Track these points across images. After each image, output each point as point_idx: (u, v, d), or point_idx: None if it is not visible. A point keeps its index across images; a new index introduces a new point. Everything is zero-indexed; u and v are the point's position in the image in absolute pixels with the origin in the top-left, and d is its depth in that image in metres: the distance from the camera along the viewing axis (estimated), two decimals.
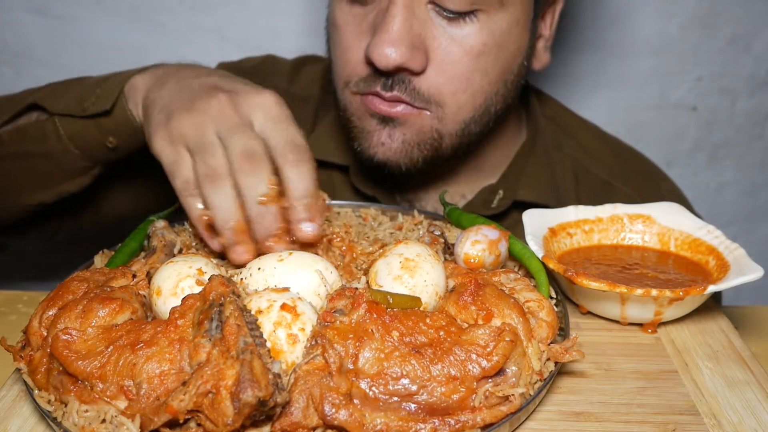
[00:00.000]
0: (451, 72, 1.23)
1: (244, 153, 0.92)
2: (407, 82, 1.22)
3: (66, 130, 1.23)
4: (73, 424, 0.74)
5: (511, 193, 1.42)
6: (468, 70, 1.23)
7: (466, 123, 1.28)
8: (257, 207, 0.92)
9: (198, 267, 0.87)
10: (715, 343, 0.99)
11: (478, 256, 0.96)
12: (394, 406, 0.74)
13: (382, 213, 1.19)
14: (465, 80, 1.24)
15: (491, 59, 1.25)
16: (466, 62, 1.23)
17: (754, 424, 0.83)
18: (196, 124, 0.96)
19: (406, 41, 1.17)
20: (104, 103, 1.18)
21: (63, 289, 0.88)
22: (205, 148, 0.94)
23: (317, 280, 0.86)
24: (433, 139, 1.28)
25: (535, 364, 0.80)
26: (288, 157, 0.94)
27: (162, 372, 0.74)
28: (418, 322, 0.79)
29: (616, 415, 0.84)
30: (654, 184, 1.55)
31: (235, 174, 0.92)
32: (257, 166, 0.92)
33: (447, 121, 1.27)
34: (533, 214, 1.10)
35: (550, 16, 1.39)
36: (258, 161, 0.92)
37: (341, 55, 1.29)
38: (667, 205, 1.15)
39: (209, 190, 0.93)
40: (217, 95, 0.98)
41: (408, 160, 1.29)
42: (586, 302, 1.03)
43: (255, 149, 0.93)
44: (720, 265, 1.02)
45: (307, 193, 0.94)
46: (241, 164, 0.92)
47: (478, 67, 1.24)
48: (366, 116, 1.28)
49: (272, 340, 0.76)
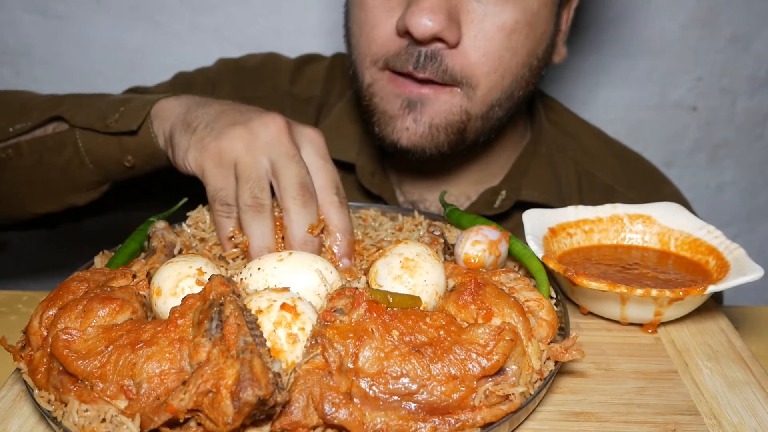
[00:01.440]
0: (484, 49, 1.23)
1: (301, 185, 0.99)
2: (440, 60, 1.22)
3: (85, 144, 1.23)
4: (73, 424, 0.74)
5: (513, 194, 1.43)
6: (500, 48, 1.24)
7: (492, 105, 1.29)
8: (305, 235, 0.99)
9: (198, 267, 0.87)
10: (715, 343, 0.99)
11: (479, 256, 0.96)
12: (394, 405, 0.74)
13: (382, 214, 1.19)
14: (497, 59, 1.24)
15: (521, 39, 1.25)
16: (499, 39, 1.23)
17: (754, 424, 0.83)
18: (249, 145, 1.00)
19: (444, 10, 1.18)
20: (130, 123, 1.18)
21: (63, 289, 0.88)
22: (255, 178, 0.99)
23: (317, 280, 0.86)
24: (461, 121, 1.27)
25: (535, 364, 0.80)
26: (333, 198, 1.02)
27: (162, 371, 0.74)
28: (418, 321, 0.79)
29: (616, 415, 0.84)
30: (657, 189, 1.56)
31: (289, 202, 0.98)
32: (311, 200, 1.00)
33: (476, 101, 1.27)
34: (533, 214, 1.10)
35: (567, 11, 1.40)
36: (312, 195, 1.00)
37: (368, 32, 1.28)
38: (667, 205, 1.15)
39: (251, 219, 0.98)
40: (274, 117, 1.02)
41: (434, 146, 1.29)
42: (586, 302, 1.03)
43: (308, 183, 1.00)
44: (720, 265, 1.02)
45: (347, 232, 1.02)
46: (297, 196, 0.98)
47: (510, 46, 1.24)
48: (391, 97, 1.27)
49: (272, 340, 0.76)
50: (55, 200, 1.31)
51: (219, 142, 1.01)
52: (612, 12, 1.90)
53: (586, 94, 1.99)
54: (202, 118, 1.08)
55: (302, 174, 1.00)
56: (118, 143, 1.20)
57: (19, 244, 2.00)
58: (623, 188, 1.51)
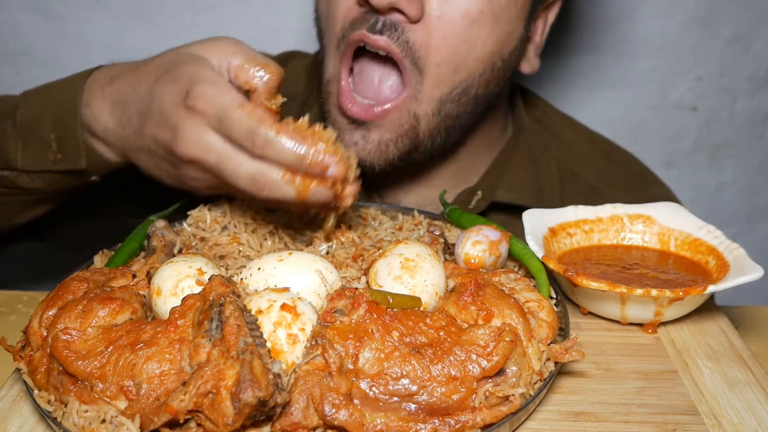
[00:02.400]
0: (445, 32, 1.19)
1: (247, 134, 0.92)
2: (401, 30, 1.18)
3: (43, 181, 1.22)
4: (73, 424, 0.74)
5: (489, 194, 1.40)
6: (459, 35, 1.20)
7: (442, 101, 1.25)
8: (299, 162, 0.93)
9: (198, 267, 0.87)
10: (715, 343, 0.99)
11: (479, 256, 0.96)
12: (394, 406, 0.74)
13: (382, 213, 1.19)
14: (453, 48, 1.21)
15: (483, 32, 1.22)
16: (461, 25, 1.20)
17: (754, 424, 0.83)
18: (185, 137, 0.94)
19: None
20: (75, 162, 1.16)
21: (63, 289, 0.87)
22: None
23: (317, 280, 0.86)
24: (411, 127, 1.24)
25: (535, 364, 0.80)
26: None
27: (162, 372, 0.74)
28: (418, 322, 0.79)
29: (616, 415, 0.84)
30: (644, 189, 1.52)
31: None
32: (266, 143, 0.93)
33: (423, 99, 1.23)
34: (533, 214, 1.10)
35: (543, 22, 1.37)
36: (260, 138, 0.93)
37: (332, 9, 1.25)
38: (667, 205, 1.15)
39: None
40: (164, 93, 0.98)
41: (383, 161, 1.26)
42: (586, 302, 1.03)
43: (247, 126, 0.93)
44: (720, 265, 1.02)
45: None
46: (254, 146, 0.92)
47: (469, 37, 1.21)
48: (337, 116, 1.25)
49: (272, 340, 0.76)
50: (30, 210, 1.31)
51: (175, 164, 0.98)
52: (612, 12, 1.90)
53: (585, 94, 1.99)
54: (129, 129, 1.05)
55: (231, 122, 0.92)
56: (72, 175, 1.20)
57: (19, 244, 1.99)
58: (609, 189, 1.48)
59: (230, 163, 0.94)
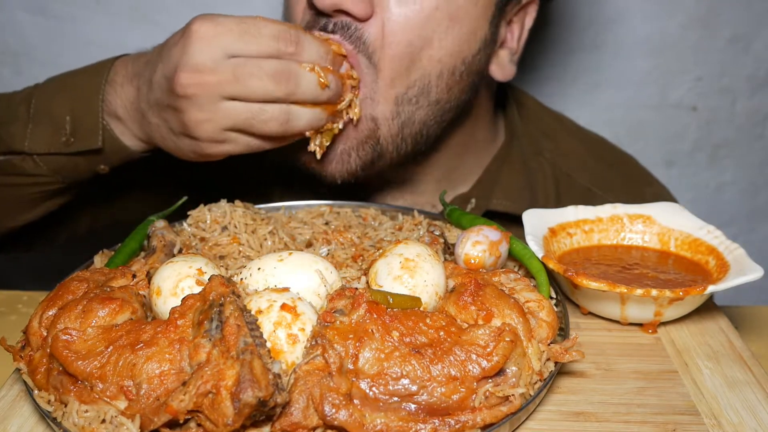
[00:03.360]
0: (395, 28, 1.17)
1: (273, 72, 1.06)
2: (354, 28, 1.17)
3: (49, 166, 1.21)
4: (73, 424, 0.74)
5: (483, 202, 1.38)
6: (413, 29, 1.18)
7: (398, 101, 1.22)
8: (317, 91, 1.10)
9: (198, 267, 0.87)
10: (715, 343, 0.99)
11: (479, 257, 0.96)
12: (394, 406, 0.74)
13: (382, 213, 1.19)
14: (405, 44, 1.18)
15: (440, 29, 1.19)
16: (414, 22, 1.18)
17: (754, 424, 0.83)
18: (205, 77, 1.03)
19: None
20: (90, 141, 1.17)
21: (63, 289, 0.88)
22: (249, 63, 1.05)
23: (317, 280, 0.85)
24: (371, 131, 1.22)
25: (535, 364, 0.80)
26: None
27: (162, 372, 0.74)
28: (418, 322, 0.79)
29: (616, 415, 0.84)
30: (638, 190, 1.51)
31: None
32: (288, 76, 1.08)
33: (379, 98, 1.21)
34: (533, 214, 1.10)
35: (519, 27, 1.34)
36: (283, 71, 1.08)
37: (290, 11, 1.25)
38: (667, 205, 1.15)
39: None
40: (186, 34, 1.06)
41: (345, 171, 1.24)
42: (586, 302, 1.03)
43: (269, 64, 1.07)
44: (720, 265, 1.02)
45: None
46: (273, 78, 1.07)
47: (422, 34, 1.19)
48: None
49: (272, 340, 0.76)
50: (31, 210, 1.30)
51: (188, 113, 1.04)
52: (612, 12, 1.90)
53: (585, 94, 1.99)
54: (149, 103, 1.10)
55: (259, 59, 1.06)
56: (86, 159, 1.20)
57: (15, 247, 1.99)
58: (601, 191, 1.46)
59: (247, 67, 1.04)
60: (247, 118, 1.06)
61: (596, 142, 1.59)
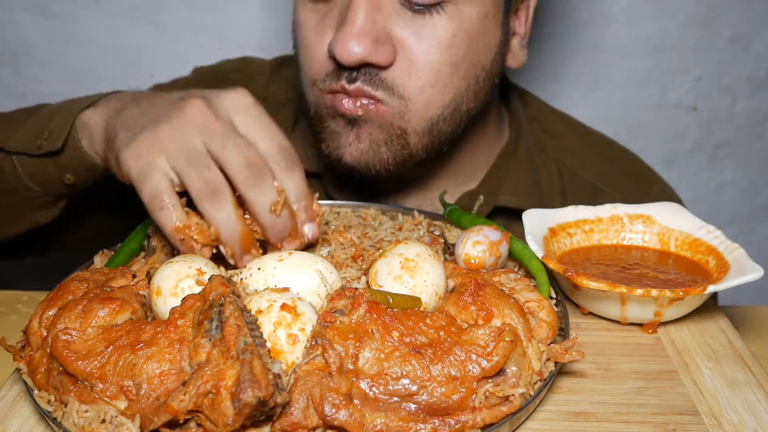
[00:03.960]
0: (420, 64, 1.19)
1: (247, 165, 0.92)
2: (373, 74, 1.18)
3: (24, 169, 1.20)
4: (73, 425, 0.74)
5: (491, 198, 1.39)
6: (437, 63, 1.20)
7: (434, 121, 1.24)
8: (269, 216, 0.94)
9: (198, 267, 0.87)
10: (715, 343, 0.99)
11: (479, 257, 0.96)
12: (394, 406, 0.74)
13: (382, 213, 1.19)
14: (434, 74, 1.20)
15: (461, 52, 1.21)
16: (435, 55, 1.19)
17: (754, 424, 0.83)
18: (177, 133, 0.92)
19: (370, 35, 1.14)
20: (55, 141, 1.14)
21: (63, 289, 0.88)
22: (196, 161, 0.91)
23: (317, 280, 0.86)
24: (398, 136, 1.23)
25: (535, 364, 0.80)
26: (281, 164, 0.95)
27: (162, 372, 0.74)
28: (418, 322, 0.79)
29: (616, 415, 0.84)
30: (644, 187, 1.52)
31: (241, 187, 0.92)
32: (263, 178, 0.93)
33: (411, 117, 1.22)
34: (533, 214, 1.10)
35: (524, 12, 1.35)
36: (262, 172, 0.93)
37: (305, 53, 1.25)
38: (667, 205, 1.15)
39: (210, 206, 0.92)
40: (190, 101, 0.95)
41: (378, 161, 1.25)
42: (586, 302, 1.03)
43: (255, 160, 0.93)
44: (720, 265, 1.02)
45: (303, 196, 0.97)
46: (248, 178, 0.92)
47: (448, 60, 1.20)
48: (336, 116, 1.24)
49: (272, 340, 0.76)
50: (16, 221, 1.28)
51: (140, 140, 0.93)
52: (612, 12, 1.90)
53: (585, 94, 1.99)
54: (124, 124, 1.00)
55: (242, 150, 0.92)
56: (54, 163, 1.17)
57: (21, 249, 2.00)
58: (608, 188, 1.47)
59: (230, 141, 0.93)
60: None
61: (600, 140, 1.59)
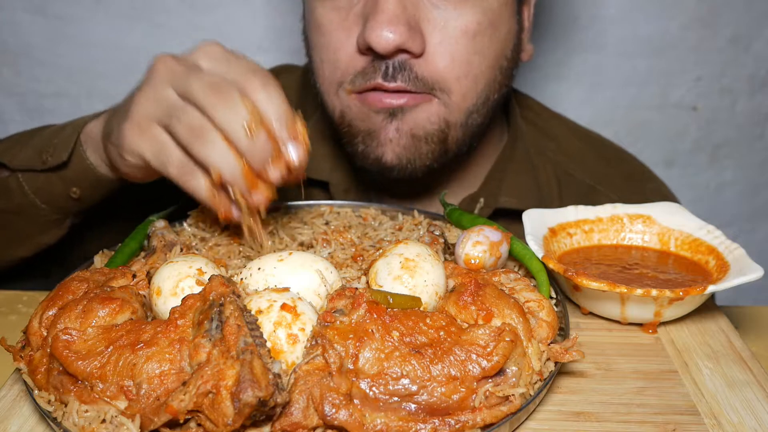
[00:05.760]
0: (451, 54, 1.20)
1: (209, 87, 0.88)
2: (409, 69, 1.19)
3: (30, 185, 1.20)
4: (73, 424, 0.74)
5: (492, 201, 1.40)
6: (467, 52, 1.21)
7: (470, 112, 1.26)
8: (245, 139, 0.88)
9: (198, 267, 0.87)
10: (715, 343, 0.99)
11: (479, 257, 0.96)
12: (394, 406, 0.74)
13: (382, 213, 1.19)
14: (466, 63, 1.22)
15: (486, 40, 1.23)
16: (464, 43, 1.21)
17: (754, 424, 0.83)
18: (152, 94, 0.93)
19: (403, 20, 1.15)
20: (61, 155, 1.15)
21: (63, 289, 0.88)
22: (173, 110, 0.90)
23: (317, 280, 0.86)
24: (441, 130, 1.25)
25: (535, 364, 0.80)
26: (254, 81, 0.90)
27: (162, 372, 0.74)
28: (418, 322, 0.79)
29: (616, 415, 0.84)
30: (639, 187, 1.52)
31: (209, 111, 0.88)
32: (226, 95, 0.88)
33: (454, 109, 1.24)
34: (533, 214, 1.10)
35: (527, 8, 1.38)
36: (224, 89, 0.88)
37: (330, 56, 1.25)
38: (667, 205, 1.15)
39: (201, 148, 0.89)
40: (158, 58, 0.95)
41: (417, 157, 1.26)
42: (586, 302, 1.03)
43: (216, 81, 0.89)
44: (720, 265, 1.02)
45: (281, 111, 0.90)
46: (210, 99, 0.88)
47: (476, 49, 1.22)
48: (370, 116, 1.24)
49: (272, 340, 0.76)
50: (23, 243, 1.29)
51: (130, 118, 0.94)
52: (612, 12, 1.90)
53: (586, 94, 1.99)
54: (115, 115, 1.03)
55: (203, 77, 0.89)
56: (59, 178, 1.18)
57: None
58: (604, 188, 1.48)
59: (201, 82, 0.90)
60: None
61: (595, 141, 1.60)
